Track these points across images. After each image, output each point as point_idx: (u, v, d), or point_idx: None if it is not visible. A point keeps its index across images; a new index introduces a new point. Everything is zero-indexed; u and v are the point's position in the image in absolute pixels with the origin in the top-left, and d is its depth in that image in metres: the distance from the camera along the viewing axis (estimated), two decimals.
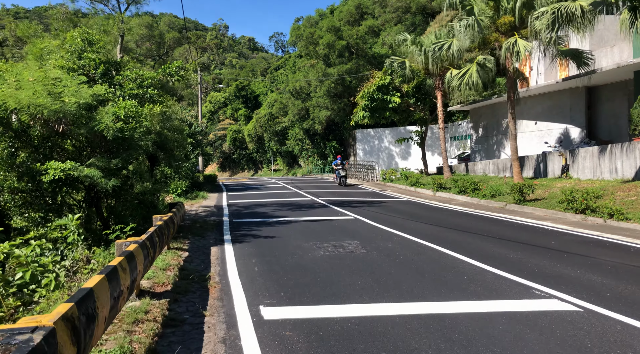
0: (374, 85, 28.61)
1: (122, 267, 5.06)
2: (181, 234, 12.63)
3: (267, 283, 7.74)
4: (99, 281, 4.14)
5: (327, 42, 44.04)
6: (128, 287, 5.12)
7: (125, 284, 4.96)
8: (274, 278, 8.06)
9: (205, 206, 21.07)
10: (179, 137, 15.17)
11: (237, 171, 77.75)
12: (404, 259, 9.47)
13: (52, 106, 9.24)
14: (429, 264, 9.00)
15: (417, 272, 8.37)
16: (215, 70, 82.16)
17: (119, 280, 4.76)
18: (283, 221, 15.59)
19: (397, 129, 48.22)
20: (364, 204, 20.85)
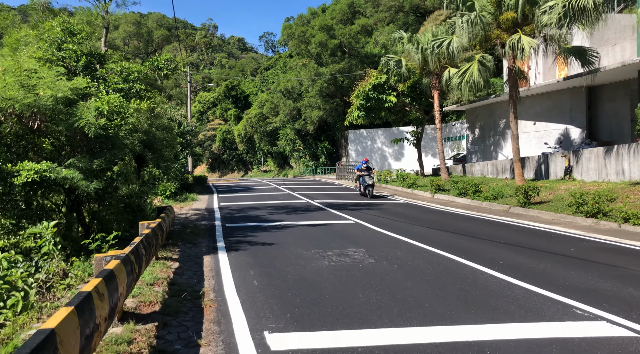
0: (370, 84, 27.76)
1: (99, 292, 4.07)
2: (170, 241, 11.60)
3: (269, 301, 6.78)
4: (64, 317, 3.16)
5: (319, 41, 43.13)
6: (106, 317, 4.13)
7: (102, 315, 3.97)
8: (276, 295, 7.10)
9: (196, 209, 20.01)
10: (168, 136, 14.13)
11: (226, 171, 76.51)
12: (419, 270, 8.56)
13: (25, 100, 8.19)
14: (447, 276, 8.10)
15: (436, 286, 7.46)
16: (205, 70, 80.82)
17: (94, 312, 3.77)
18: (279, 225, 14.62)
19: (391, 129, 47.50)
20: (361, 206, 19.96)
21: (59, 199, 11.04)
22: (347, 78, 44.88)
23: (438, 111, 28.03)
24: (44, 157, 10.19)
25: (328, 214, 17.45)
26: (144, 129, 13.12)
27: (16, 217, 8.83)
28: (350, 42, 44.36)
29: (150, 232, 7.80)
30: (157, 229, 8.69)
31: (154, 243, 7.92)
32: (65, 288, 7.14)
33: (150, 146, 13.72)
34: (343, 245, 11.07)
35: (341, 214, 17.24)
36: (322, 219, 16.05)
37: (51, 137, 9.75)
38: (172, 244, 11.30)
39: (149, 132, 13.29)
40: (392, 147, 47.82)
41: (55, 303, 6.32)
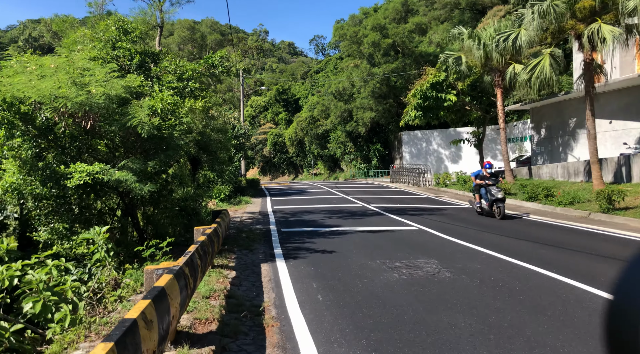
0: (427, 82, 26.45)
1: (146, 320, 3.31)
2: (226, 247, 10.97)
3: (338, 321, 5.89)
4: None
5: (371, 40, 42.07)
6: (154, 350, 3.36)
7: (149, 349, 3.21)
8: (346, 314, 6.20)
9: (250, 213, 19.50)
10: (223, 137, 13.60)
11: (277, 174, 76.70)
12: (506, 287, 7.42)
13: (77, 98, 7.75)
14: (542, 295, 6.92)
15: (533, 308, 6.32)
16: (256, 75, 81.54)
17: (139, 346, 3.01)
18: (337, 231, 13.74)
19: (447, 130, 45.67)
20: (422, 211, 18.76)
21: (114, 203, 10.66)
22: (401, 78, 43.55)
23: (501, 110, 26.29)
24: (98, 159, 9.82)
25: (387, 219, 16.41)
26: (198, 130, 12.63)
27: (70, 221, 8.45)
28: (403, 41, 43.01)
29: (206, 239, 7.12)
30: (213, 235, 8.02)
31: (209, 251, 7.24)
32: (117, 300, 6.56)
33: (205, 147, 13.22)
34: (411, 255, 10.04)
35: (401, 219, 16.15)
36: (381, 224, 15.04)
37: (106, 138, 9.35)
38: (227, 250, 10.66)
39: (203, 133, 12.80)
40: (449, 149, 45.94)
41: (105, 319, 5.71)
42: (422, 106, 27.29)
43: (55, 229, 8.30)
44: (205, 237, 7.18)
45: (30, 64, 8.49)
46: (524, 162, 32.90)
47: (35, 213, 8.94)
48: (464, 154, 45.53)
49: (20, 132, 8.65)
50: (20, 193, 8.04)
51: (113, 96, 8.23)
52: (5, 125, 8.33)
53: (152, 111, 8.82)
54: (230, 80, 49.89)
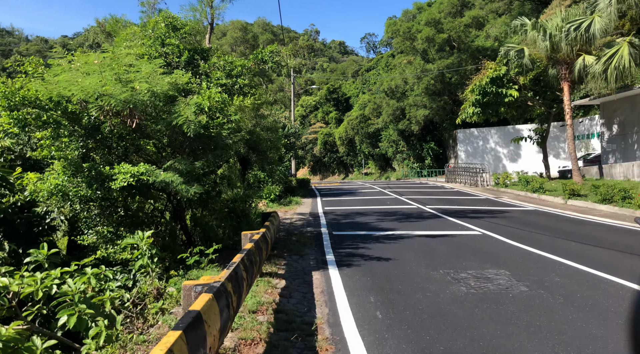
0: (487, 77, 24.91)
1: None
2: (275, 252, 10.37)
3: (402, 347, 5.08)
4: None
5: (425, 36, 40.58)
6: None
7: None
8: (410, 337, 5.37)
9: (300, 214, 18.92)
10: (273, 136, 13.05)
11: (327, 174, 76.24)
12: (598, 307, 6.32)
13: (121, 95, 7.34)
14: None
15: None
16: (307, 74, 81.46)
17: None
18: (392, 235, 12.86)
19: (505, 128, 43.47)
20: (483, 214, 17.49)
21: (162, 205, 10.31)
22: (457, 74, 41.78)
23: (568, 105, 24.37)
24: (146, 159, 9.47)
25: (446, 222, 15.33)
26: (248, 129, 12.13)
27: (115, 224, 8.11)
28: (459, 36, 41.22)
29: (252, 247, 6.49)
30: (261, 241, 7.39)
31: (256, 260, 6.60)
32: (158, 312, 6.05)
33: (254, 147, 12.71)
34: (477, 264, 9.03)
35: (462, 223, 15.02)
36: (440, 228, 14.00)
37: (153, 137, 8.96)
38: (277, 255, 10.05)
39: (253, 132, 12.28)
40: (507, 148, 43.72)
41: (142, 336, 5.18)
42: (481, 102, 25.77)
43: (100, 233, 7.98)
44: (253, 244, 6.55)
45: (76, 61, 8.21)
46: (592, 160, 30.52)
47: (82, 216, 8.68)
48: (524, 152, 43.16)
49: (67, 132, 8.39)
50: (66, 195, 7.75)
51: (159, 93, 7.79)
52: (53, 124, 8.09)
53: (199, 108, 8.33)
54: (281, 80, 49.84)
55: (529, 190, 24.31)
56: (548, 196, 22.43)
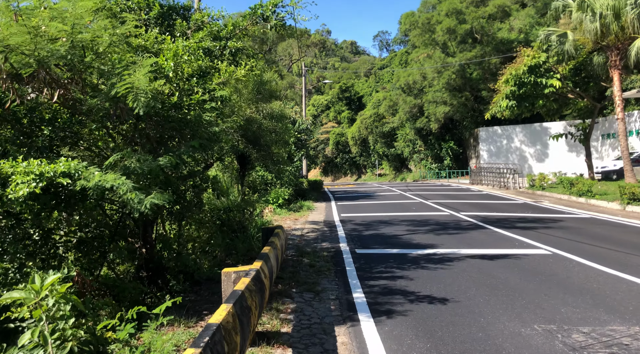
0: (524, 65, 21.61)
1: None
2: (280, 287, 7.27)
3: None
4: None
5: (446, 27, 37.27)
6: None
7: None
8: None
9: (313, 223, 15.80)
10: (280, 127, 9.94)
11: (339, 175, 73.08)
12: None
13: (23, 46, 4.29)
14: None
15: None
16: (318, 71, 78.32)
17: None
18: (435, 255, 9.70)
19: (532, 126, 40.03)
20: (532, 223, 14.27)
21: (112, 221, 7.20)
22: (480, 68, 38.41)
23: (619, 96, 20.99)
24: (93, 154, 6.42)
25: (495, 235, 12.12)
26: (245, 116, 9.05)
27: (22, 256, 5.05)
28: (483, 26, 37.84)
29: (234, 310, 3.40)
30: (254, 290, 4.29)
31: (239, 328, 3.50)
32: None
33: (255, 140, 9.62)
34: (585, 310, 5.86)
35: (515, 236, 11.80)
36: (493, 244, 10.81)
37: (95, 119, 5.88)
38: (282, 293, 6.92)
39: (252, 120, 9.20)
40: (534, 147, 40.26)
41: None
42: (517, 93, 22.45)
43: None
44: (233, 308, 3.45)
45: None
46: (637, 160, 26.96)
47: None
48: (551, 152, 39.65)
49: None
50: None
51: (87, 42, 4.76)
52: None
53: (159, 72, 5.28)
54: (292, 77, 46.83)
55: (574, 193, 20.95)
56: (599, 201, 19.07)
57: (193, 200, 7.19)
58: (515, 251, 10.04)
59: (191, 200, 7.30)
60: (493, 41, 38.78)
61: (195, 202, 7.30)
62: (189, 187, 7.22)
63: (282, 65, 50.84)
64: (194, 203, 7.29)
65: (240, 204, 10.23)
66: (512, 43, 39.43)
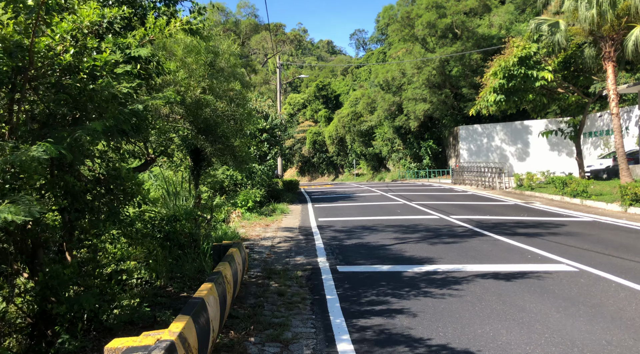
0: (514, 56, 19.90)
1: None
2: (232, 334, 5.04)
3: None
4: None
5: (426, 21, 35.55)
6: None
7: None
8: None
9: (287, 229, 13.60)
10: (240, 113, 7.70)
11: (316, 175, 70.99)
12: None
13: None
14: None
15: None
16: (292, 67, 75.88)
17: None
18: (436, 274, 7.65)
19: (512, 124, 38.71)
20: (533, 228, 12.44)
21: None
22: (460, 64, 36.84)
23: (613, 90, 19.44)
24: None
25: (498, 244, 10.16)
26: (195, 98, 6.82)
27: None
28: (463, 21, 36.28)
29: None
30: None
31: None
32: None
33: (208, 129, 7.37)
34: None
35: (524, 246, 9.87)
36: (501, 258, 8.84)
37: None
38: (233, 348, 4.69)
39: (204, 103, 6.95)
40: (515, 146, 38.96)
41: None
42: (506, 87, 20.70)
43: None
44: None
45: None
46: (627, 159, 25.58)
47: None
48: (532, 150, 38.43)
49: None
50: None
51: None
52: None
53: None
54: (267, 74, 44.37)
55: (567, 194, 19.30)
56: (596, 202, 17.42)
57: (102, 209, 4.92)
58: (533, 267, 8.07)
59: (99, 209, 5.02)
60: (474, 36, 37.28)
61: (109, 212, 5.02)
62: (99, 192, 4.94)
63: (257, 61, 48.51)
64: (110, 212, 5.01)
65: (193, 211, 7.98)
66: (492, 39, 38.04)
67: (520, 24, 39.40)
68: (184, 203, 8.55)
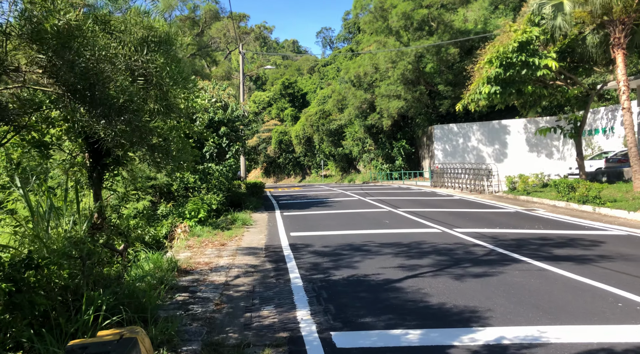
0: (514, 41, 17.01)
1: None
2: None
3: None
4: None
5: (402, 11, 32.62)
6: None
7: None
8: None
9: (249, 252, 9.94)
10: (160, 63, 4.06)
11: (282, 176, 67.21)
12: None
13: None
14: None
15: None
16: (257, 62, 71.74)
17: None
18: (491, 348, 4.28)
19: (490, 123, 36.34)
20: (571, 248, 9.38)
21: None
22: (438, 58, 34.10)
23: (624, 81, 16.85)
24: None
25: (555, 279, 6.94)
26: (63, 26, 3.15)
27: None
28: (440, 13, 33.60)
29: None
30: None
31: None
32: None
33: (91, 89, 3.68)
34: None
35: (595, 283, 6.69)
36: (586, 311, 5.58)
37: None
38: None
39: (77, 35, 3.28)
40: (492, 146, 36.61)
41: None
42: (502, 77, 17.77)
43: None
44: None
45: None
46: (621, 160, 23.34)
47: None
48: (510, 151, 36.20)
49: None
50: None
51: None
52: None
53: None
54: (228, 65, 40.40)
55: (574, 200, 16.51)
56: (612, 210, 14.64)
57: None
58: (614, 328, 4.85)
59: None
60: (450, 30, 34.63)
61: None
62: None
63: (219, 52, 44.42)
64: None
65: (80, 244, 4.33)
66: (469, 33, 35.54)
67: (497, 19, 37.12)
68: (70, 228, 4.88)
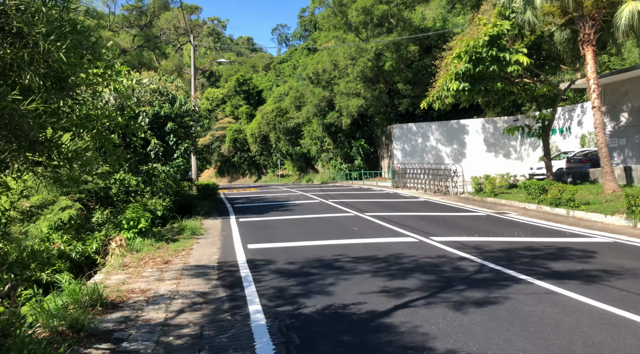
0: (485, 34, 16.05)
1: None
2: None
3: None
4: None
5: (362, 6, 31.42)
6: None
7: None
8: None
9: (197, 274, 8.14)
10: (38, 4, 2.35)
11: (237, 176, 64.79)
12: None
13: None
14: None
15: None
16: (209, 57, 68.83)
17: None
18: None
19: (448, 123, 35.82)
20: (564, 260, 8.27)
21: None
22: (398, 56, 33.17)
23: (594, 79, 16.27)
24: None
25: (575, 308, 5.67)
26: None
27: None
28: (400, 9, 32.70)
29: None
30: None
31: None
32: None
33: None
34: None
35: (623, 314, 5.46)
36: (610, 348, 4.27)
37: None
38: None
39: None
40: (451, 146, 36.13)
41: None
42: (471, 73, 16.79)
43: None
44: None
45: None
46: (582, 161, 23.10)
47: None
48: (469, 151, 35.85)
49: None
50: None
51: None
52: None
53: None
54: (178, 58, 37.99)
55: (546, 203, 15.72)
56: (588, 214, 13.89)
57: None
58: None
59: None
60: (409, 27, 33.81)
61: None
62: None
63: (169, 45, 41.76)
64: None
65: None
66: (428, 30, 34.89)
67: (456, 17, 36.76)
68: None
